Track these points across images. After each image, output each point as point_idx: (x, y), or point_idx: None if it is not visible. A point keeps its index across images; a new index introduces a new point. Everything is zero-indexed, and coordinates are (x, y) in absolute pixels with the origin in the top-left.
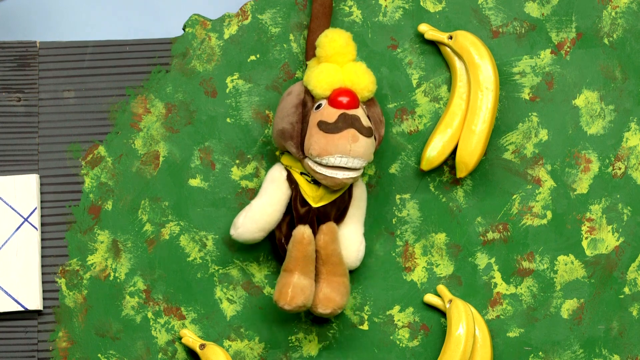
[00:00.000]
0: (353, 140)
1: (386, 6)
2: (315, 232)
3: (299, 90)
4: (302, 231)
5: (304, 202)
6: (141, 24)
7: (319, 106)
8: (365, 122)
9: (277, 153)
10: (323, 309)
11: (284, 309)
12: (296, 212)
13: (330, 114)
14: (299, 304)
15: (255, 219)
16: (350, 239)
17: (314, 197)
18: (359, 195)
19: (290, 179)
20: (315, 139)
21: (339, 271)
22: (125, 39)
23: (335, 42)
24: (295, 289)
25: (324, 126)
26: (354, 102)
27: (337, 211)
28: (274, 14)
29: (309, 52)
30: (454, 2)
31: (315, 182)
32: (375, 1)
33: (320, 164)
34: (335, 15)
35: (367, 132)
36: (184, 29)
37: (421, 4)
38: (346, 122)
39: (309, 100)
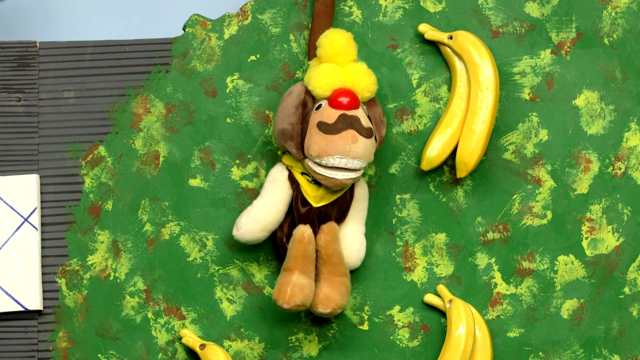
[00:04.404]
0: (352, 141)
1: (386, 6)
2: (316, 232)
3: (299, 90)
4: (302, 230)
5: (305, 202)
6: (141, 24)
7: (319, 107)
8: (366, 122)
9: (279, 152)
10: (323, 309)
11: (282, 308)
12: (297, 211)
13: (330, 114)
14: (298, 302)
15: (258, 219)
16: (351, 239)
17: (315, 197)
18: (360, 195)
19: (292, 179)
20: (315, 140)
21: (340, 271)
22: (125, 39)
23: (335, 42)
24: (294, 287)
25: (323, 127)
26: (354, 102)
27: (338, 211)
28: (274, 14)
29: (311, 51)
30: (454, 2)
31: (316, 182)
32: (375, 1)
33: (320, 165)
34: (336, 15)
35: (367, 133)
36: (184, 29)
37: (421, 4)
38: (346, 123)
39: (309, 101)
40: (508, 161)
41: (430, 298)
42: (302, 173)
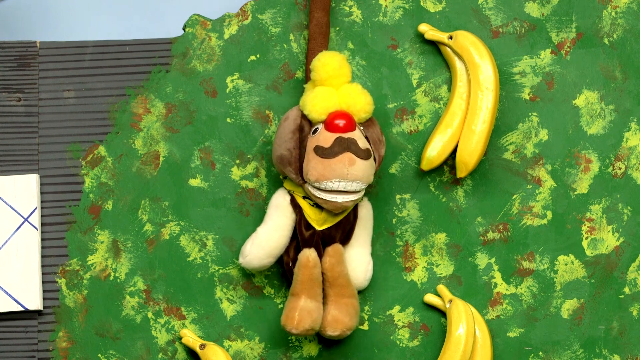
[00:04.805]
0: (350, 164)
1: (386, 6)
2: (321, 255)
3: (295, 115)
4: (307, 254)
5: (308, 226)
6: (141, 24)
7: (315, 130)
8: (363, 144)
9: (281, 177)
10: (332, 331)
11: (291, 333)
12: (301, 235)
13: (326, 138)
14: (307, 327)
15: (262, 245)
16: (357, 260)
17: (318, 220)
18: (364, 215)
19: (294, 203)
20: (313, 165)
21: (347, 293)
22: (125, 39)
23: (328, 65)
24: (302, 312)
25: (320, 151)
26: (350, 125)
27: (342, 233)
28: (274, 14)
29: (308, 73)
30: (454, 2)
31: (318, 205)
32: (375, 1)
33: (319, 189)
34: (335, 15)
35: (364, 155)
36: (184, 29)
37: (421, 4)
38: (342, 146)
39: (305, 125)
40: (508, 161)
41: (430, 298)
42: (304, 197)
